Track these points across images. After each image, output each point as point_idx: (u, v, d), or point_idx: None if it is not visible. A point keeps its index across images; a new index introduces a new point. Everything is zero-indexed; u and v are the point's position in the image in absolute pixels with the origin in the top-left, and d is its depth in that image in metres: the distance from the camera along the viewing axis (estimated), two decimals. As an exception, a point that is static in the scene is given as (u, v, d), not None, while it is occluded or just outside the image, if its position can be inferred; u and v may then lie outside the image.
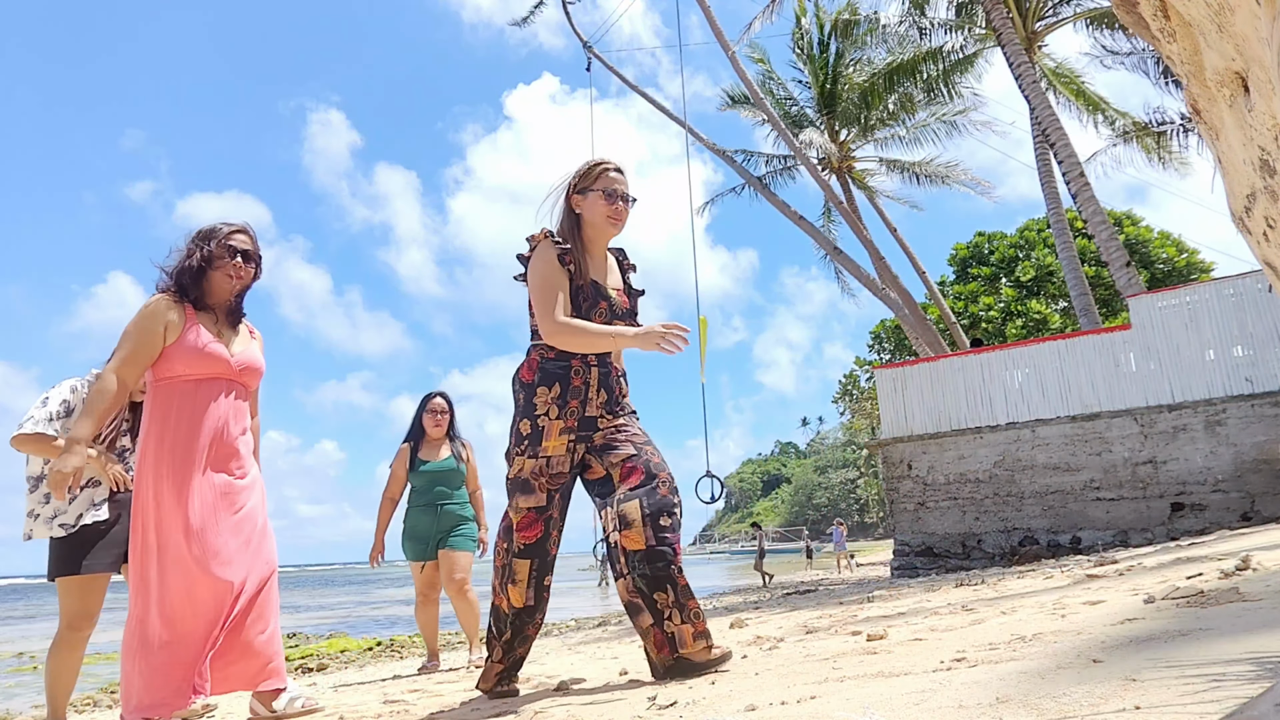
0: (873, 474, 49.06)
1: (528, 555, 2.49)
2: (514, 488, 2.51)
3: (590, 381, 2.52)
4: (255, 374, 2.76)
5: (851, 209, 17.79)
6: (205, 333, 2.62)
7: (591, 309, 2.50)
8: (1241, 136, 0.93)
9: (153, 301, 2.60)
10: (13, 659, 10.74)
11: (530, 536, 2.49)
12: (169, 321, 2.57)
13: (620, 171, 2.62)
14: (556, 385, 2.48)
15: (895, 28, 16.93)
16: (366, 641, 9.11)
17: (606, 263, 2.65)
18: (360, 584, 36.85)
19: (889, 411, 11.99)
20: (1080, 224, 19.77)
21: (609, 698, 2.21)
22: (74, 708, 5.54)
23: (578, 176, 2.61)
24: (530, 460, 2.48)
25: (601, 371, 2.55)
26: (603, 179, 2.58)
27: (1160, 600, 2.49)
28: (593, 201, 2.56)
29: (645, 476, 2.44)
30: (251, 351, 2.76)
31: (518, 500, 2.49)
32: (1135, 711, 1.18)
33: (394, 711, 2.73)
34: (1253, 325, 9.53)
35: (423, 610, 4.73)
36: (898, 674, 1.84)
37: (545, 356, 2.52)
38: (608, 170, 2.59)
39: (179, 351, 2.56)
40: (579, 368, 2.50)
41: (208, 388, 2.60)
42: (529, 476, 2.48)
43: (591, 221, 2.57)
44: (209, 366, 2.59)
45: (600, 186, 2.57)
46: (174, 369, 2.56)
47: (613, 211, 2.56)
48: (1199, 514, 9.42)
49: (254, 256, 2.76)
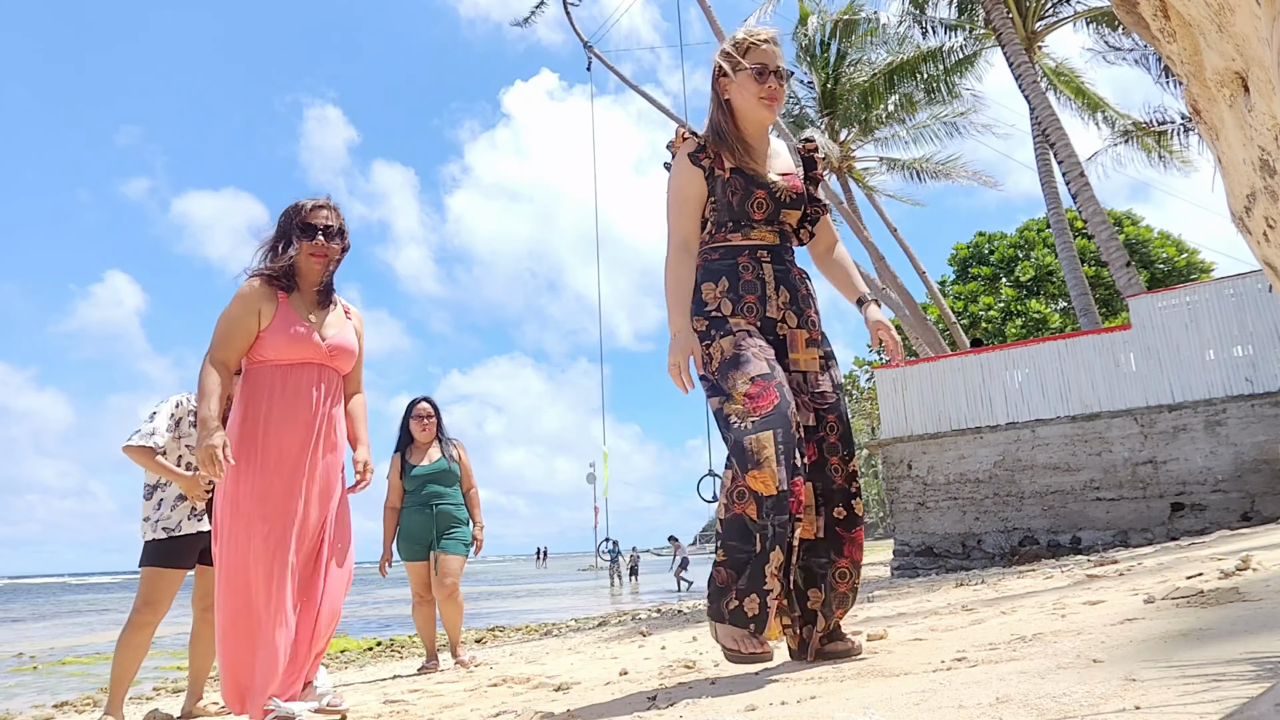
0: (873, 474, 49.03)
1: (768, 425, 1.96)
2: (723, 370, 2.07)
3: (764, 277, 2.20)
4: (347, 356, 2.67)
5: (851, 209, 17.80)
6: (294, 316, 2.56)
7: (745, 200, 2.20)
8: (1241, 136, 0.93)
9: (245, 285, 2.56)
10: (13, 659, 10.74)
11: (764, 404, 1.98)
12: (261, 305, 2.53)
13: (771, 42, 2.27)
14: (724, 279, 2.18)
15: (895, 28, 16.94)
16: (366, 641, 9.10)
17: (767, 151, 2.32)
18: (360, 584, 36.87)
19: (889, 412, 11.99)
20: (1080, 224, 19.77)
21: (609, 697, 2.21)
22: (74, 708, 5.55)
23: (723, 56, 2.27)
24: (725, 338, 2.10)
25: (778, 269, 2.23)
26: (751, 53, 2.23)
27: (1160, 600, 2.48)
28: (741, 83, 2.23)
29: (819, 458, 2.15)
30: (344, 333, 2.68)
31: (732, 378, 2.04)
32: (1135, 711, 1.18)
33: (394, 711, 2.73)
34: (1253, 325, 9.52)
35: (420, 611, 4.73)
36: (898, 674, 1.84)
37: (708, 257, 2.24)
38: (757, 44, 2.24)
39: (270, 336, 2.51)
40: (747, 263, 2.20)
41: (298, 373, 2.54)
42: (734, 351, 2.07)
43: (743, 109, 2.25)
44: (299, 351, 2.53)
45: (749, 63, 2.23)
46: (264, 354, 2.52)
47: (764, 91, 2.22)
48: (1199, 514, 9.42)
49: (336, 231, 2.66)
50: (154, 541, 3.36)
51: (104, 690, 6.65)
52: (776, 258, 2.24)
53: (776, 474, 1.93)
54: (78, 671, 8.91)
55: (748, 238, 2.23)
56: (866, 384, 29.23)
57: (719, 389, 2.09)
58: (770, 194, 2.23)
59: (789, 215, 2.28)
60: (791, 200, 2.27)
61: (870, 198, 19.47)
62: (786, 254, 2.29)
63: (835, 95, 18.80)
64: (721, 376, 2.08)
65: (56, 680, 8.18)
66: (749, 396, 2.00)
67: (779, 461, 1.94)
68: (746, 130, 2.27)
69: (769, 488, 1.92)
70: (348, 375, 2.75)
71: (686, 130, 2.32)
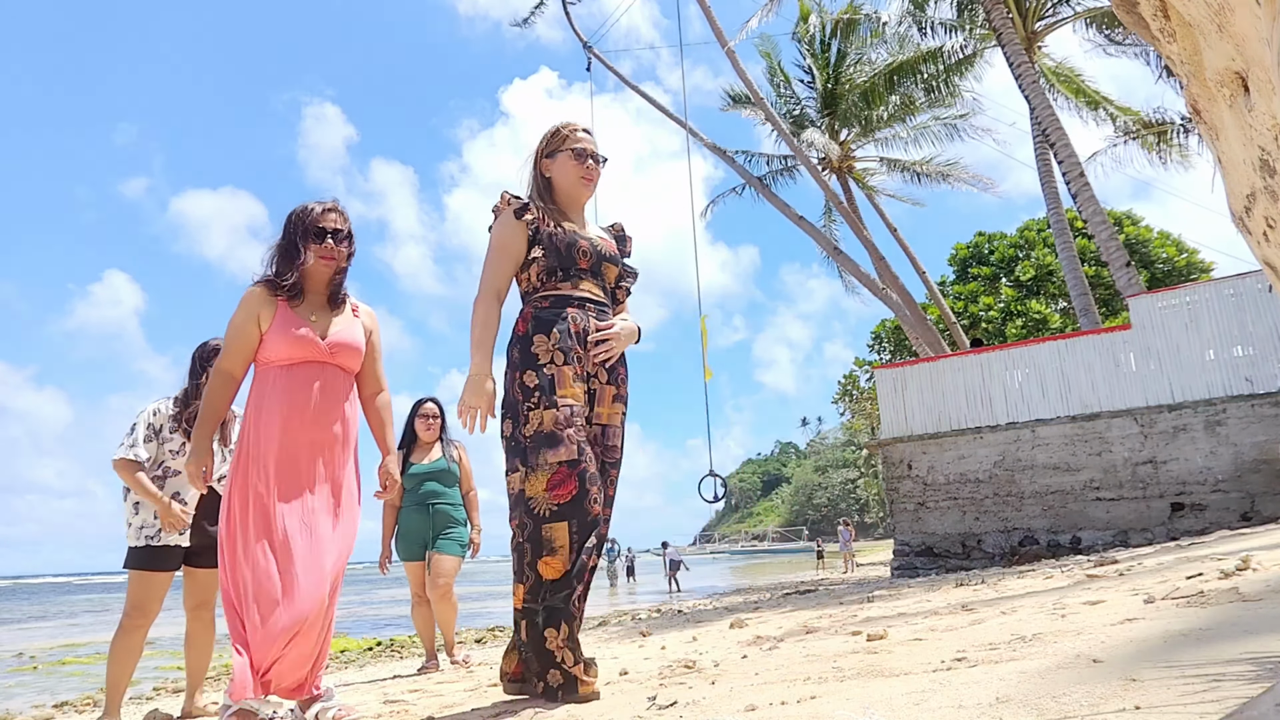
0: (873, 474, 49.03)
1: (562, 517, 2.18)
2: (536, 444, 2.21)
3: (589, 330, 2.38)
4: (350, 353, 2.66)
5: (852, 209, 17.79)
6: (294, 317, 2.59)
7: (572, 248, 2.40)
8: (1241, 136, 0.93)
9: (246, 293, 2.61)
10: (13, 659, 10.74)
11: (563, 495, 2.18)
12: (261, 310, 2.57)
13: (587, 132, 2.55)
14: (555, 331, 2.33)
15: (895, 28, 16.94)
16: (366, 641, 9.10)
17: (585, 224, 2.55)
18: (360, 584, 36.84)
19: (889, 412, 11.99)
20: (1080, 224, 19.77)
21: (609, 697, 2.21)
22: (74, 707, 5.55)
23: (544, 141, 2.54)
24: (549, 410, 2.23)
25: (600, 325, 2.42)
26: (571, 140, 2.50)
27: (1160, 600, 2.48)
28: (562, 163, 2.49)
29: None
30: (348, 331, 2.68)
31: (544, 456, 2.20)
32: (1135, 711, 1.18)
33: (394, 711, 2.73)
34: (1253, 325, 9.52)
35: (418, 611, 4.73)
36: (898, 674, 1.84)
37: (539, 306, 2.39)
38: (575, 131, 2.52)
39: (270, 338, 2.57)
40: (577, 314, 2.37)
41: (300, 372, 2.57)
42: (553, 428, 2.21)
43: (562, 185, 2.50)
44: (299, 351, 2.57)
45: (569, 147, 2.49)
46: (267, 355, 2.57)
47: (584, 171, 2.48)
48: (1199, 514, 9.42)
49: (344, 234, 2.69)
50: (136, 547, 3.38)
51: (104, 690, 6.64)
52: (600, 313, 2.44)
53: (565, 560, 2.17)
54: (78, 671, 8.91)
55: (576, 288, 2.41)
56: (866, 384, 29.21)
57: (526, 460, 2.23)
58: (593, 246, 2.46)
59: (609, 270, 2.50)
60: (610, 256, 2.51)
61: (870, 198, 19.47)
62: (608, 309, 2.48)
63: (835, 95, 18.80)
64: (533, 449, 2.22)
65: (56, 680, 8.18)
66: (550, 485, 2.19)
67: (571, 549, 2.18)
68: (565, 202, 2.51)
69: (556, 573, 2.18)
70: (362, 374, 2.75)
71: (510, 195, 2.47)
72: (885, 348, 26.45)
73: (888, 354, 26.14)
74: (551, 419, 2.22)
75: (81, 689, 7.05)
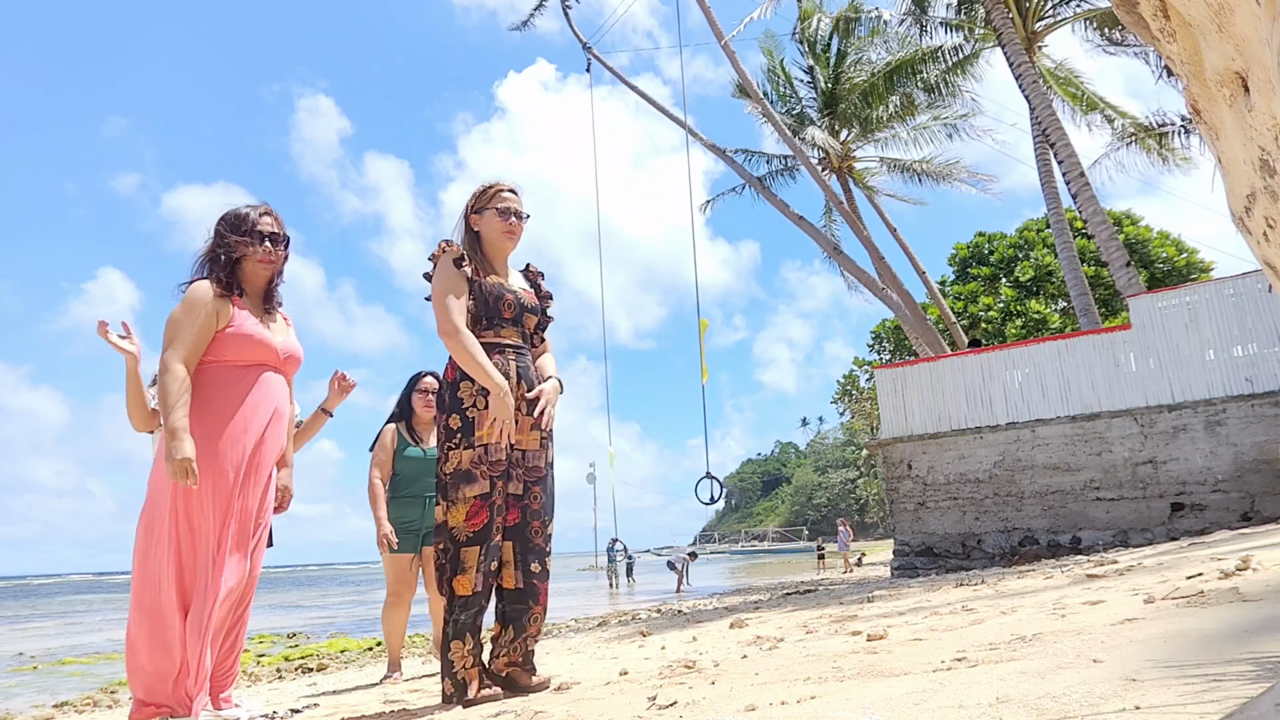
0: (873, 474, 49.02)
1: (476, 542, 2.55)
2: (455, 481, 2.57)
3: (509, 373, 2.67)
4: (296, 363, 2.76)
5: (851, 209, 17.79)
6: (252, 320, 2.61)
7: (498, 301, 2.70)
8: (1241, 136, 0.93)
9: (196, 288, 2.57)
10: (13, 658, 10.74)
11: (477, 524, 2.55)
12: (218, 307, 2.55)
13: (514, 191, 2.83)
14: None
15: (896, 28, 16.94)
16: (366, 641, 9.10)
17: (508, 274, 2.85)
18: (360, 584, 36.83)
19: (889, 411, 11.99)
20: (1080, 224, 19.77)
21: (609, 697, 2.21)
22: (74, 707, 5.54)
23: (474, 198, 2.82)
24: (467, 451, 2.58)
25: (520, 365, 2.72)
26: (496, 198, 2.78)
27: (1160, 600, 2.49)
28: (488, 219, 2.77)
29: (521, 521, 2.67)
30: (292, 340, 2.75)
31: (462, 491, 2.55)
32: (1135, 711, 1.18)
33: (394, 711, 2.73)
34: (1253, 325, 9.52)
35: (394, 613, 4.23)
36: (898, 674, 1.84)
37: None
38: (501, 190, 2.80)
39: (228, 338, 2.55)
40: (499, 362, 2.65)
41: (252, 374, 2.59)
42: (469, 466, 2.57)
43: (489, 238, 2.78)
44: (256, 354, 2.59)
45: (494, 205, 2.77)
46: (220, 354, 2.55)
47: (507, 227, 2.77)
48: (1199, 514, 9.42)
49: (282, 238, 2.73)
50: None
51: (104, 690, 6.65)
52: (520, 356, 2.74)
53: (474, 579, 2.53)
54: (78, 671, 8.91)
55: (499, 335, 2.70)
56: (866, 384, 29.21)
57: (447, 494, 2.58)
58: (517, 299, 2.75)
59: (529, 319, 2.80)
60: (531, 307, 2.81)
61: (870, 198, 19.46)
62: (526, 353, 2.79)
63: (836, 95, 18.80)
64: (453, 484, 2.58)
65: (56, 680, 8.18)
66: (469, 515, 2.55)
67: (478, 569, 2.54)
68: (491, 255, 2.79)
69: (467, 590, 2.53)
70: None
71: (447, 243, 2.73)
72: (885, 348, 26.45)
73: (888, 354, 26.14)
74: (469, 458, 2.57)
75: (81, 689, 7.05)
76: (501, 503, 2.62)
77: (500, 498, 2.61)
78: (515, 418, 2.66)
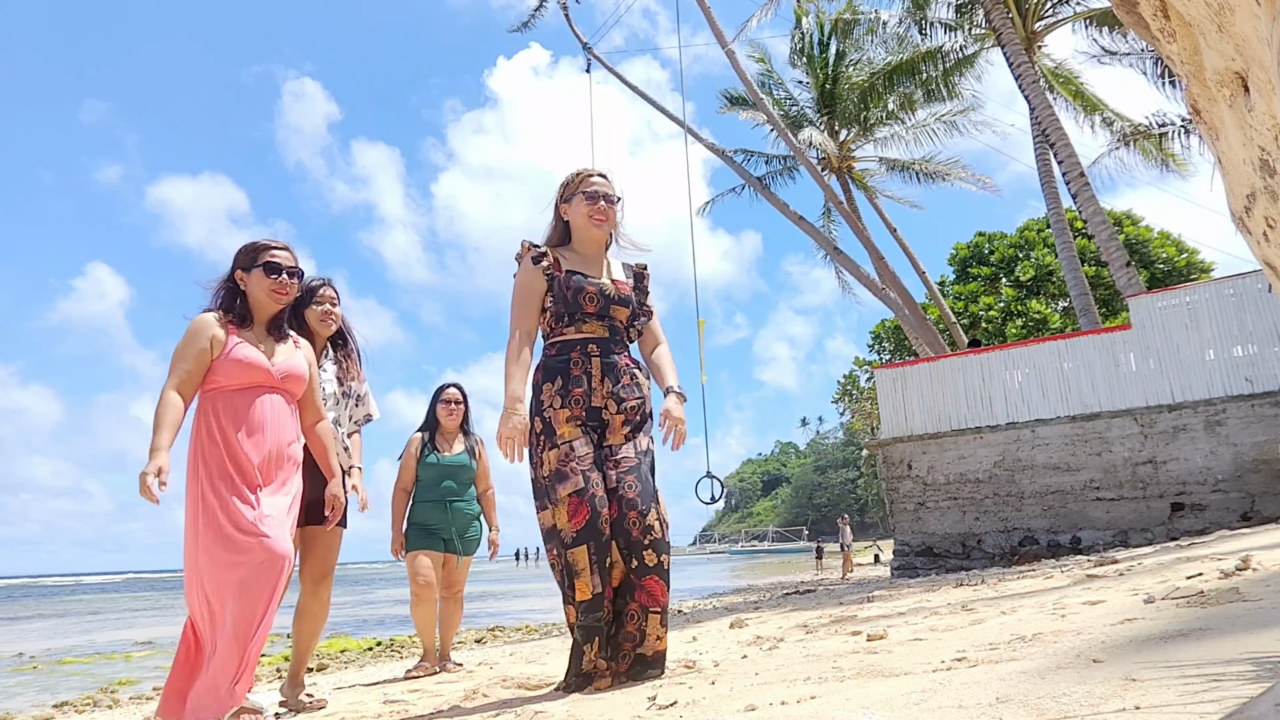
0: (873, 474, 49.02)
1: (581, 541, 2.47)
2: (550, 483, 2.52)
3: (591, 371, 2.62)
4: (297, 380, 2.85)
5: (851, 209, 17.79)
6: (245, 345, 2.73)
7: (579, 294, 2.63)
8: (1241, 136, 0.93)
9: (197, 320, 2.73)
10: (13, 659, 10.74)
11: (579, 521, 2.48)
12: (213, 336, 2.69)
13: (604, 176, 2.80)
14: (558, 379, 2.60)
15: (895, 28, 16.93)
16: (366, 641, 9.10)
17: (602, 263, 2.78)
18: (360, 584, 36.85)
19: (889, 411, 11.99)
20: (1080, 224, 19.76)
21: (609, 697, 2.21)
22: (74, 707, 5.54)
23: (562, 187, 2.81)
24: (553, 451, 2.54)
25: (605, 361, 2.64)
26: (584, 184, 2.76)
27: (1160, 600, 2.49)
28: (576, 206, 2.75)
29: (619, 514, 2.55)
30: (295, 360, 2.85)
31: (557, 492, 2.50)
32: (1135, 711, 1.18)
33: (394, 711, 2.73)
34: (1253, 325, 9.52)
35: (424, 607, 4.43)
36: (898, 674, 1.84)
37: (548, 355, 2.66)
38: (589, 176, 2.78)
39: (221, 364, 2.68)
40: (578, 359, 2.61)
41: (250, 396, 2.70)
42: (558, 465, 2.52)
43: (578, 225, 2.75)
44: (249, 375, 2.70)
45: (582, 190, 2.75)
46: (216, 380, 2.68)
47: (594, 210, 2.72)
48: (1199, 514, 9.42)
49: (296, 272, 2.89)
50: None
51: (104, 690, 6.65)
52: (605, 350, 2.66)
53: (591, 582, 2.45)
54: (78, 671, 8.91)
55: (580, 331, 2.64)
56: (866, 384, 29.21)
57: (547, 497, 2.54)
58: (600, 291, 2.67)
59: (618, 311, 2.70)
60: (620, 299, 2.71)
61: (870, 198, 19.46)
62: (615, 346, 2.70)
63: (834, 95, 18.79)
64: (550, 486, 2.53)
65: (56, 680, 8.18)
66: (570, 514, 2.48)
67: (592, 570, 2.45)
68: (581, 244, 2.76)
69: (586, 594, 2.45)
70: (303, 404, 2.91)
71: (529, 243, 2.73)
72: (885, 347, 26.45)
73: (888, 354, 26.14)
74: (556, 457, 2.53)
75: (81, 689, 7.05)
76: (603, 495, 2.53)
77: (600, 489, 2.53)
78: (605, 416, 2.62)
